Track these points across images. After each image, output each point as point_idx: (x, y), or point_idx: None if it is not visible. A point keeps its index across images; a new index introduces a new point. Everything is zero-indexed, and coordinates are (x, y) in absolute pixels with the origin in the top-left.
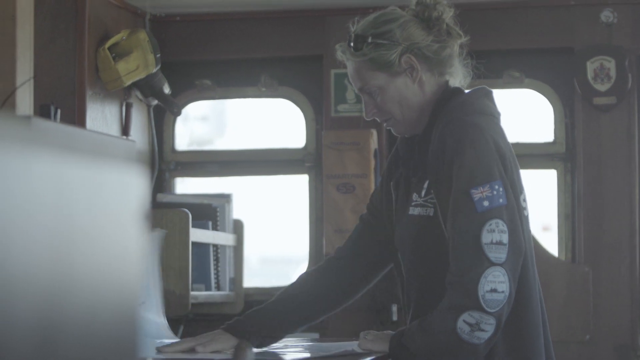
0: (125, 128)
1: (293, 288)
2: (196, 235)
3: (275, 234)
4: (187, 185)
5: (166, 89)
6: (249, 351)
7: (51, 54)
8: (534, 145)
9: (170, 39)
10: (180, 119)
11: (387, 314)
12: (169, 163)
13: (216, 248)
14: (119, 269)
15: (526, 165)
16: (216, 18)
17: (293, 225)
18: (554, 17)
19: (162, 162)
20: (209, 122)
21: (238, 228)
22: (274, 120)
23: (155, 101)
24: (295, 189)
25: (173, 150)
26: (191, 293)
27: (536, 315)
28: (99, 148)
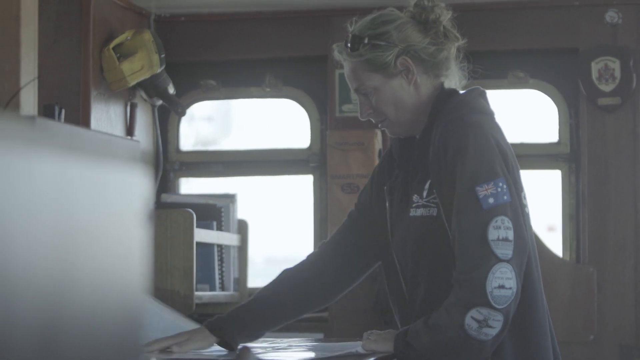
0: (129, 128)
1: (275, 285)
2: (200, 235)
3: (279, 234)
4: (192, 186)
5: (171, 89)
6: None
7: (56, 54)
8: (539, 145)
9: (175, 40)
10: (186, 119)
11: (392, 315)
12: (173, 163)
13: (220, 248)
14: (121, 269)
15: (531, 165)
16: (221, 18)
17: (297, 226)
18: (559, 18)
19: (167, 162)
20: (214, 123)
21: (242, 228)
22: (278, 120)
23: (159, 101)
24: (299, 189)
25: (177, 151)
26: (195, 293)
27: (542, 313)
28: (102, 148)
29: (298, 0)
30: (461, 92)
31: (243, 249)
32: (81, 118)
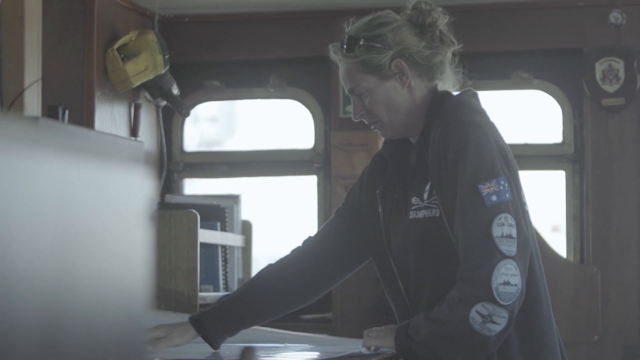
0: (133, 129)
1: (258, 281)
2: (204, 236)
3: (283, 234)
4: (196, 186)
5: (175, 90)
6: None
7: (60, 55)
8: (543, 146)
9: (179, 40)
10: (190, 119)
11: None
12: (177, 164)
13: (224, 249)
14: (124, 270)
15: (535, 166)
16: (225, 19)
17: (301, 226)
18: (563, 18)
19: (171, 163)
20: (218, 123)
21: (246, 229)
22: (282, 121)
23: (163, 102)
24: (303, 189)
25: (181, 151)
26: (199, 294)
27: (546, 310)
28: (105, 149)
29: (302, 1)
30: (454, 94)
31: (247, 249)
32: (85, 119)
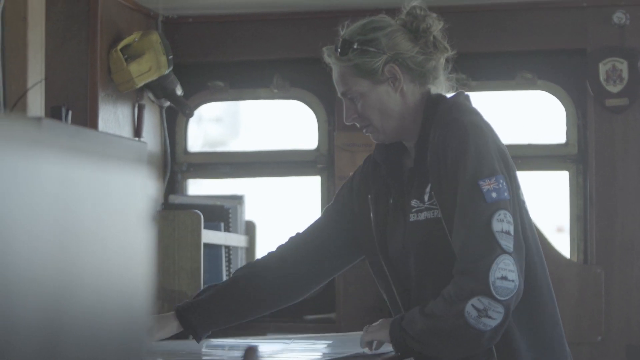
0: (137, 129)
1: (247, 279)
2: (208, 236)
3: (287, 235)
4: (200, 187)
5: (178, 91)
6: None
7: (63, 56)
8: (546, 146)
9: (183, 41)
10: (195, 120)
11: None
12: (181, 164)
13: (228, 249)
14: (125, 270)
15: (538, 166)
16: (228, 20)
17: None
18: (567, 19)
19: (175, 164)
20: (222, 124)
21: (250, 229)
22: (286, 121)
23: (167, 103)
24: (307, 190)
25: (185, 152)
26: None
27: (550, 308)
28: (108, 149)
29: (306, 2)
30: (448, 96)
31: (250, 250)
32: (89, 119)
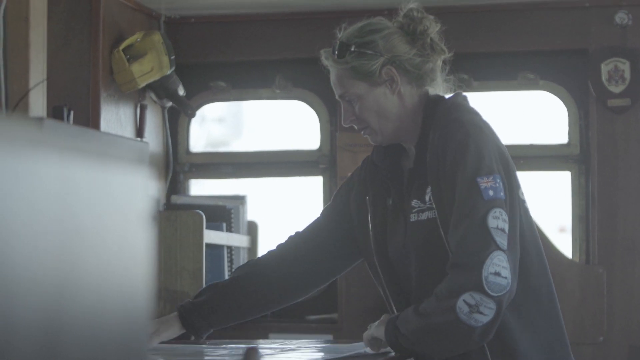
0: (139, 130)
1: (248, 278)
2: (210, 236)
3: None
4: (202, 187)
5: (180, 91)
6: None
7: (65, 56)
8: (548, 147)
9: (185, 41)
10: (197, 120)
11: None
12: (183, 165)
13: (230, 250)
14: (126, 270)
15: (540, 166)
16: (231, 20)
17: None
18: (569, 19)
19: (177, 164)
20: (225, 124)
21: (252, 230)
22: (288, 122)
23: (169, 103)
24: (309, 190)
25: (187, 152)
26: None
27: (547, 305)
28: (110, 150)
29: (308, 2)
30: (446, 97)
31: (253, 250)
32: (91, 120)
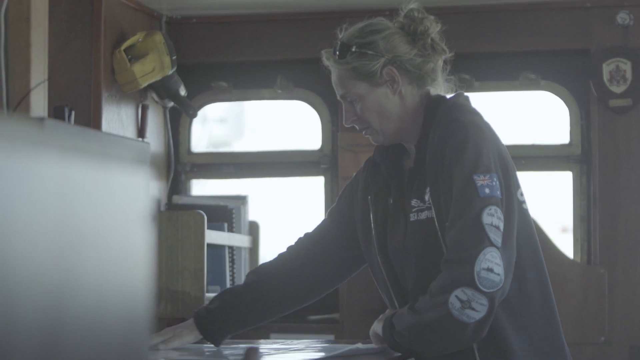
0: (141, 130)
1: (261, 282)
2: (211, 237)
3: (291, 235)
4: (203, 187)
5: (182, 91)
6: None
7: (67, 56)
8: (550, 147)
9: (186, 41)
10: (199, 120)
11: None
12: (184, 165)
13: (232, 250)
14: (126, 270)
15: (542, 167)
16: (232, 20)
17: (309, 227)
18: (570, 19)
19: (178, 164)
20: (227, 124)
21: (254, 230)
22: (289, 122)
23: (171, 103)
24: (311, 190)
25: (189, 152)
26: (206, 295)
27: (544, 306)
28: (111, 150)
29: (309, 2)
30: (448, 97)
31: (254, 250)
32: (92, 120)
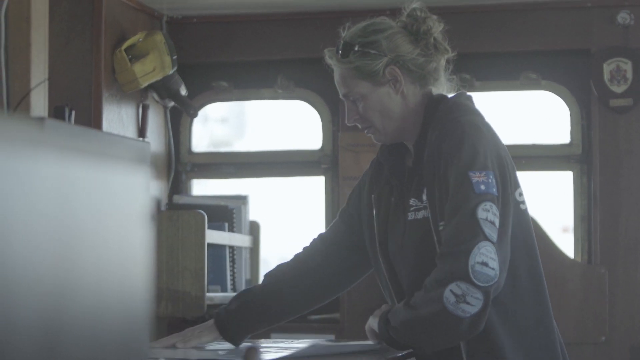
0: (141, 130)
1: (279, 282)
2: (212, 236)
3: (291, 235)
4: (204, 187)
5: (183, 91)
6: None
7: (67, 56)
8: (551, 146)
9: (187, 41)
10: (200, 120)
11: None
12: (185, 164)
13: (232, 250)
14: (125, 270)
15: (543, 166)
16: (233, 20)
17: (309, 227)
18: (571, 19)
19: (179, 164)
20: (228, 124)
21: (254, 229)
22: (290, 122)
23: (171, 103)
24: (311, 190)
25: (189, 152)
26: (207, 294)
27: (537, 305)
28: (111, 150)
29: (310, 2)
30: (449, 96)
31: (255, 250)
32: (93, 120)
